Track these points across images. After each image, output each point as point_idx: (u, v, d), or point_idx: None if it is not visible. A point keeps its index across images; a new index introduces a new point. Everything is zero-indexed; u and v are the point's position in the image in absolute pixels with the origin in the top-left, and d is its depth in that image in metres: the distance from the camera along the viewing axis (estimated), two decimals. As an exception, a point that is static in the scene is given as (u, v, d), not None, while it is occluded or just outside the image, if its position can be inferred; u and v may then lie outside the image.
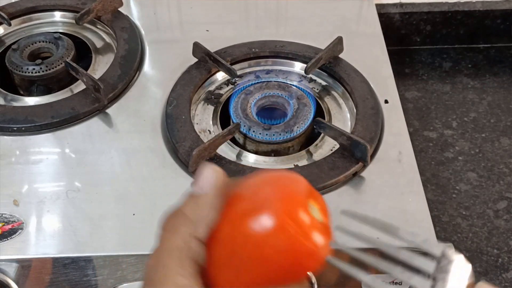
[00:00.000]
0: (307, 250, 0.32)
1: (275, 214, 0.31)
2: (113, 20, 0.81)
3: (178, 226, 0.32)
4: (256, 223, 0.31)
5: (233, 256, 0.32)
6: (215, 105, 0.72)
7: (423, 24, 0.96)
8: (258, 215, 0.32)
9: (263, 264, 0.31)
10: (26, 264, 0.56)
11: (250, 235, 0.31)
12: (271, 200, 0.32)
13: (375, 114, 0.68)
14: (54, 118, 0.68)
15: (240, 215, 0.32)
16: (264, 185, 0.33)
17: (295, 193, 0.33)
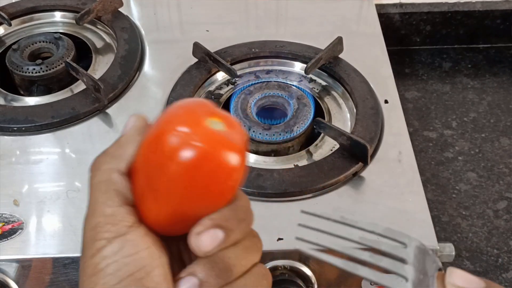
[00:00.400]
0: (214, 159, 0.31)
1: (175, 133, 0.31)
2: (113, 20, 0.81)
3: (102, 164, 0.35)
4: (160, 145, 0.31)
5: (149, 183, 0.32)
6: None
7: (423, 24, 0.96)
8: (160, 136, 0.32)
9: (176, 185, 0.31)
10: (26, 264, 0.56)
11: (158, 158, 0.31)
12: (173, 121, 0.32)
13: (375, 114, 0.68)
14: (54, 118, 0.68)
15: (148, 142, 0.33)
16: (170, 111, 0.33)
17: (195, 112, 0.33)
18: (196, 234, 0.31)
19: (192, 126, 0.31)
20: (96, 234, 0.32)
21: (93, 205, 0.34)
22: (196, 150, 0.31)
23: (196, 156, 0.31)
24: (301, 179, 0.61)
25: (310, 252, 0.33)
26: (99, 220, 0.33)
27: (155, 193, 0.32)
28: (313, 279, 0.58)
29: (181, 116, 0.32)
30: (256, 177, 0.61)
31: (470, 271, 0.71)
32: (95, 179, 0.35)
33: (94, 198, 0.34)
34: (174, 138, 0.31)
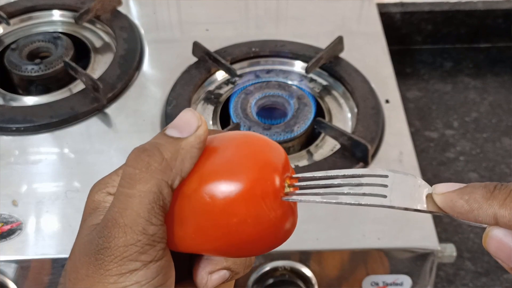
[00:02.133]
0: (273, 229, 0.31)
1: (248, 183, 0.30)
2: (112, 19, 0.81)
3: (155, 171, 0.29)
4: (225, 186, 0.29)
5: (195, 213, 0.30)
6: (215, 105, 0.72)
7: (424, 23, 0.96)
8: (230, 178, 0.30)
9: (219, 229, 0.30)
10: (25, 264, 0.56)
11: (216, 197, 0.29)
12: (246, 166, 0.30)
13: (376, 114, 0.68)
14: (53, 118, 0.68)
15: (211, 173, 0.30)
16: (242, 146, 0.31)
17: (273, 164, 0.31)
18: (208, 273, 0.30)
19: (269, 189, 0.30)
20: (131, 254, 0.28)
21: (134, 214, 0.28)
22: (266, 218, 0.30)
23: (264, 224, 0.30)
24: (302, 179, 0.61)
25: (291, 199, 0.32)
26: (139, 239, 0.28)
27: (196, 228, 0.30)
28: (314, 280, 0.58)
29: (257, 166, 0.30)
30: (256, 177, 0.61)
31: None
32: (144, 186, 0.28)
33: (136, 207, 0.28)
34: (249, 201, 0.29)
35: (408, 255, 0.57)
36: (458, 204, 0.30)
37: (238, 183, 0.30)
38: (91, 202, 0.31)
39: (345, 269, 0.58)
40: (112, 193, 0.31)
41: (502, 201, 0.28)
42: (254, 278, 0.57)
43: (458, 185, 0.30)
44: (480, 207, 0.29)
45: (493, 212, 0.28)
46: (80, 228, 0.31)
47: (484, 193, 0.29)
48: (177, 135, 0.30)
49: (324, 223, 0.58)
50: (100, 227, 0.29)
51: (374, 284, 0.59)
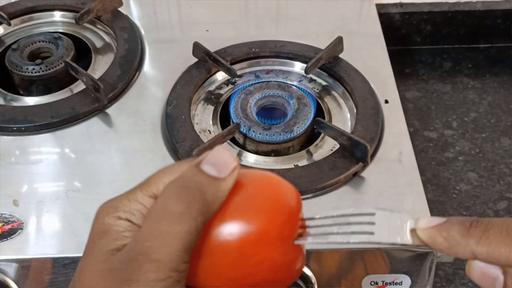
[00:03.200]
0: (287, 271, 0.32)
1: (267, 226, 0.31)
2: (113, 20, 0.81)
3: (197, 213, 0.29)
4: (244, 228, 0.31)
5: (213, 250, 0.31)
6: (215, 105, 0.72)
7: (423, 24, 0.96)
8: (250, 220, 0.31)
9: (235, 269, 0.31)
10: (26, 264, 0.56)
11: (235, 237, 0.30)
12: (266, 209, 0.32)
13: (376, 114, 0.68)
14: (53, 118, 0.68)
15: (231, 213, 0.31)
16: (261, 188, 0.33)
17: (290, 209, 0.33)
18: None
19: (286, 233, 0.32)
20: (166, 284, 0.28)
21: (169, 249, 0.28)
22: (282, 261, 0.31)
23: (280, 267, 0.31)
24: (301, 179, 0.61)
25: None
26: (170, 275, 0.28)
27: (216, 266, 0.31)
28: (313, 279, 0.58)
29: (275, 213, 0.32)
30: (256, 177, 0.61)
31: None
32: (185, 224, 0.29)
33: (172, 242, 0.28)
34: (268, 244, 0.31)
35: (407, 254, 0.57)
36: (438, 241, 0.30)
37: (257, 225, 0.31)
38: (100, 224, 0.31)
39: (345, 269, 0.58)
40: (123, 218, 0.31)
41: (478, 239, 0.29)
42: (254, 278, 0.58)
43: (438, 220, 0.31)
44: (458, 244, 0.30)
45: (471, 249, 0.29)
46: (91, 251, 0.31)
47: (461, 230, 0.30)
48: (215, 174, 0.30)
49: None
50: (126, 258, 0.29)
51: (374, 283, 0.59)
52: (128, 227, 0.31)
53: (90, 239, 0.32)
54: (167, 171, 0.32)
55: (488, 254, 0.29)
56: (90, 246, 0.31)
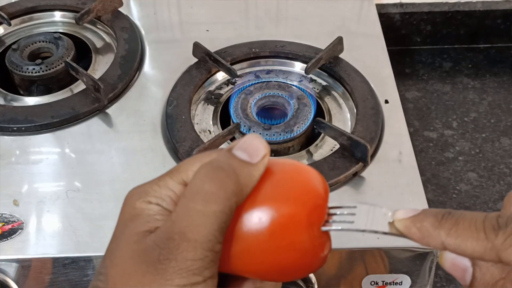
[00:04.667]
0: (315, 255, 0.33)
1: (299, 210, 0.32)
2: (113, 20, 0.81)
3: (232, 193, 0.30)
4: (276, 212, 0.31)
5: (245, 234, 0.31)
6: (215, 105, 0.72)
7: (423, 24, 0.96)
8: (282, 204, 0.32)
9: (266, 252, 0.32)
10: (26, 264, 0.56)
11: (267, 220, 0.31)
12: (298, 194, 0.33)
13: (375, 114, 0.68)
14: (54, 118, 0.68)
15: (264, 197, 0.32)
16: (292, 174, 0.34)
17: (321, 196, 0.34)
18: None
19: (316, 219, 0.33)
20: (197, 268, 0.29)
21: (203, 232, 0.29)
22: (311, 245, 0.32)
23: (309, 251, 0.33)
24: (301, 179, 0.61)
25: None
26: (207, 255, 0.29)
27: (247, 249, 0.32)
28: (313, 279, 0.58)
29: (307, 198, 0.33)
30: (256, 177, 0.61)
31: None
32: (214, 206, 0.29)
33: (208, 226, 0.29)
34: (299, 227, 0.32)
35: (407, 254, 0.57)
36: (412, 231, 0.32)
37: (287, 210, 0.32)
38: (131, 208, 0.32)
39: (345, 268, 0.58)
40: (154, 203, 0.31)
41: (448, 231, 0.30)
42: (254, 278, 0.58)
43: (413, 212, 0.32)
44: (429, 235, 0.31)
45: (441, 240, 0.30)
46: (121, 233, 0.32)
47: (433, 221, 0.31)
48: (247, 159, 0.31)
49: (323, 223, 0.58)
50: (162, 238, 0.29)
51: (374, 283, 0.59)
52: (160, 211, 0.31)
53: (120, 223, 0.32)
54: (197, 158, 0.33)
55: (456, 246, 0.30)
56: (120, 228, 0.32)
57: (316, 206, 0.33)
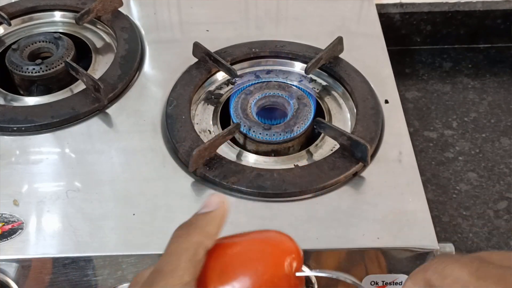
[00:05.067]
0: None
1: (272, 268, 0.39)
2: (113, 20, 0.81)
3: (192, 234, 0.37)
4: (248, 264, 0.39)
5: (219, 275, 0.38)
6: (215, 105, 0.72)
7: (423, 24, 0.96)
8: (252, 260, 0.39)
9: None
10: (26, 264, 0.56)
11: (239, 270, 0.38)
12: (263, 253, 0.40)
13: (375, 114, 0.68)
14: (54, 118, 0.68)
15: (236, 253, 0.40)
16: (258, 237, 0.43)
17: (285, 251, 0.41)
18: None
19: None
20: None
21: (174, 265, 0.36)
22: None
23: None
24: (301, 179, 0.61)
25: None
26: (177, 283, 0.35)
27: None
28: (313, 279, 0.58)
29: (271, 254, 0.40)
30: (256, 177, 0.61)
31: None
32: (183, 245, 0.37)
33: (176, 260, 0.36)
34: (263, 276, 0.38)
35: (407, 254, 0.57)
36: None
37: (265, 268, 0.39)
38: None
39: (345, 269, 0.58)
40: None
41: None
42: (254, 278, 0.58)
43: None
44: None
45: None
46: None
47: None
48: (206, 210, 0.39)
49: (324, 223, 0.58)
50: (152, 272, 0.37)
51: (374, 283, 0.59)
52: None
53: None
54: None
55: None
56: None
57: (289, 259, 0.40)
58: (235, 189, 0.61)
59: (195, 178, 0.62)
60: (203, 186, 0.62)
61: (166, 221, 0.58)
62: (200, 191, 0.61)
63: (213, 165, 0.62)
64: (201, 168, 0.62)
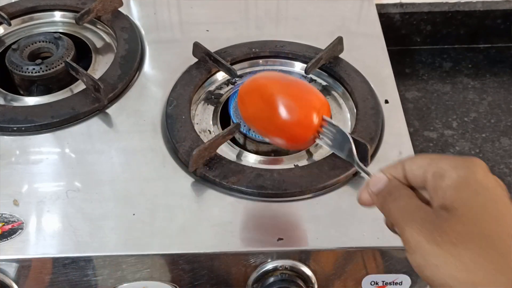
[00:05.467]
0: (302, 137, 0.54)
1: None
2: (113, 20, 0.81)
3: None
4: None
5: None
6: (215, 105, 0.72)
7: (423, 24, 0.96)
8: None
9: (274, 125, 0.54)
10: (26, 264, 0.56)
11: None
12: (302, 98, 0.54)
13: (375, 114, 0.68)
14: (54, 118, 0.68)
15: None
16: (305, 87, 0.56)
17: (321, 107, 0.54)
18: None
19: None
20: None
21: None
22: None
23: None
24: (301, 179, 0.61)
25: None
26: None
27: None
28: (313, 279, 0.58)
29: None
30: (256, 177, 0.61)
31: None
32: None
33: None
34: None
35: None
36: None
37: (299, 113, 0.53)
38: None
39: (345, 269, 0.58)
40: None
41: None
42: (254, 277, 0.58)
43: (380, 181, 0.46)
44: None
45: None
46: None
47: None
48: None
49: (324, 223, 0.58)
50: None
51: (374, 283, 0.59)
52: None
53: None
54: None
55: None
56: None
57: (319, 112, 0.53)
58: (235, 189, 0.61)
59: (195, 178, 0.62)
60: (203, 186, 0.62)
61: (166, 221, 0.58)
62: (200, 191, 0.61)
63: (213, 165, 0.62)
64: (201, 168, 0.62)
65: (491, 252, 0.37)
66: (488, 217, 0.39)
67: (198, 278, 0.58)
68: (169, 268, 0.57)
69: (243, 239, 0.57)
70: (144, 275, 0.57)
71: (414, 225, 0.40)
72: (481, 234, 0.38)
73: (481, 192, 0.40)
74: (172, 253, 0.56)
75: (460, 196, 0.40)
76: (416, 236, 0.40)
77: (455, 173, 0.41)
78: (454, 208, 0.40)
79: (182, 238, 0.57)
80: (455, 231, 0.38)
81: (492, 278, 0.36)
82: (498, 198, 0.40)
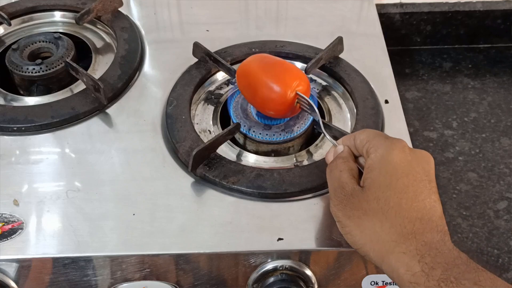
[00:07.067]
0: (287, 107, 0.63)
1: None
2: (113, 20, 0.81)
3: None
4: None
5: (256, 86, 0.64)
6: (215, 105, 0.72)
7: (423, 24, 0.96)
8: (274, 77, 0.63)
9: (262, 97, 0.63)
10: (26, 264, 0.56)
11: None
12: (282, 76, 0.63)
13: (375, 114, 0.68)
14: (54, 118, 0.68)
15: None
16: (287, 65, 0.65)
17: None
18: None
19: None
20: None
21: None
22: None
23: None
24: (301, 179, 0.61)
25: None
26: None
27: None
28: (313, 279, 0.58)
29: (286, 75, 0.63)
30: (256, 177, 0.61)
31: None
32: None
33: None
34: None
35: (407, 254, 0.57)
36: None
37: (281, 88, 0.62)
38: None
39: (345, 269, 0.58)
40: None
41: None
42: (254, 278, 0.58)
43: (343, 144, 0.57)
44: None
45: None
46: None
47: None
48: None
49: (324, 223, 0.58)
50: None
51: (374, 283, 0.59)
52: None
53: None
54: None
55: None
56: None
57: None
58: (235, 189, 0.61)
59: (195, 178, 0.62)
60: (203, 186, 0.62)
61: (166, 221, 0.58)
62: (200, 191, 0.61)
63: (213, 165, 0.62)
64: (201, 168, 0.62)
65: (386, 224, 0.47)
66: (391, 193, 0.48)
67: (198, 278, 0.58)
68: (169, 268, 0.57)
69: (243, 239, 0.57)
70: (144, 275, 0.57)
71: (336, 200, 0.52)
72: (380, 210, 0.48)
73: (388, 171, 0.49)
74: (172, 253, 0.56)
75: (370, 175, 0.50)
76: (336, 211, 0.52)
77: (377, 153, 0.50)
78: (365, 186, 0.50)
79: (182, 238, 0.57)
80: (362, 208, 0.49)
81: (381, 239, 0.47)
82: (404, 176, 0.48)
